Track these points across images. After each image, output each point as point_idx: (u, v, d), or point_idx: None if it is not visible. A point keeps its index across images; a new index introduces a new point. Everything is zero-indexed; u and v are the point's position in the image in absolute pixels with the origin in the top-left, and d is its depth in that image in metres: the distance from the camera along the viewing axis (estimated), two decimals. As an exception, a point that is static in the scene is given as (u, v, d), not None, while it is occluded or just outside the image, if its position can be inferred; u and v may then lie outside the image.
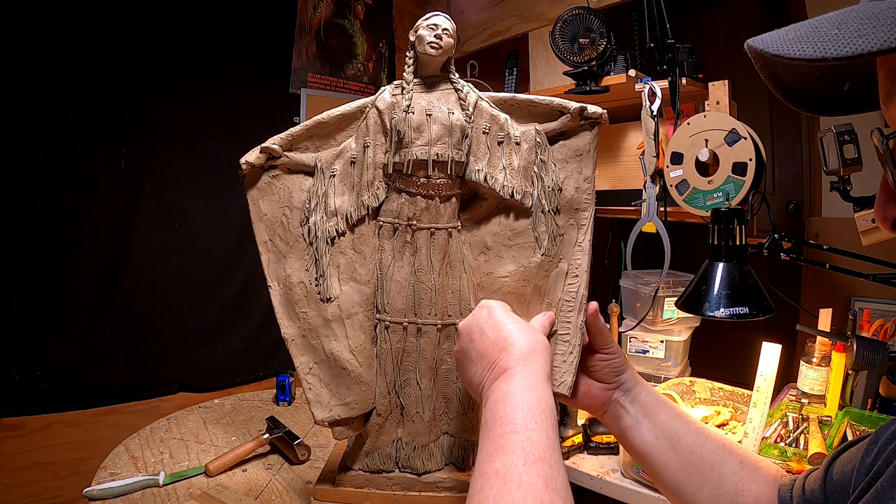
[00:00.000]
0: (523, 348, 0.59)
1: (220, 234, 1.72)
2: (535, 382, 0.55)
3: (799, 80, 0.40)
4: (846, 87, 0.40)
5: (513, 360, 0.58)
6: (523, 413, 0.50)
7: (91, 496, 1.00)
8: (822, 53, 0.29)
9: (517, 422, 0.49)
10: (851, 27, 0.29)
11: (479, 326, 0.64)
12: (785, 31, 0.33)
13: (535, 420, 0.49)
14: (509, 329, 0.62)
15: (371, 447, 0.91)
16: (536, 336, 0.62)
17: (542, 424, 0.49)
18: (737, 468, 0.61)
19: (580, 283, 0.79)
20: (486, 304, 0.67)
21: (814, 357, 1.23)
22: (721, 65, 1.81)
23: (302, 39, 1.86)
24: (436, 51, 0.81)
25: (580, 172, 0.80)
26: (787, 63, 0.37)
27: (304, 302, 0.85)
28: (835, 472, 0.52)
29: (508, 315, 0.65)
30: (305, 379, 0.86)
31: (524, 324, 0.65)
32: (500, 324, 0.63)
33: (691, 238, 1.58)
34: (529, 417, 0.50)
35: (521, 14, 1.78)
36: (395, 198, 0.83)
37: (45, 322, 1.45)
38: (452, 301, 0.85)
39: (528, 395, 0.53)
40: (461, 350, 0.65)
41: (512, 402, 0.52)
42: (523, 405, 0.51)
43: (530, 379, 0.55)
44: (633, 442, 0.67)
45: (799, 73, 0.40)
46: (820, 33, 0.30)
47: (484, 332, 0.63)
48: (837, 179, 1.04)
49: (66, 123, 1.45)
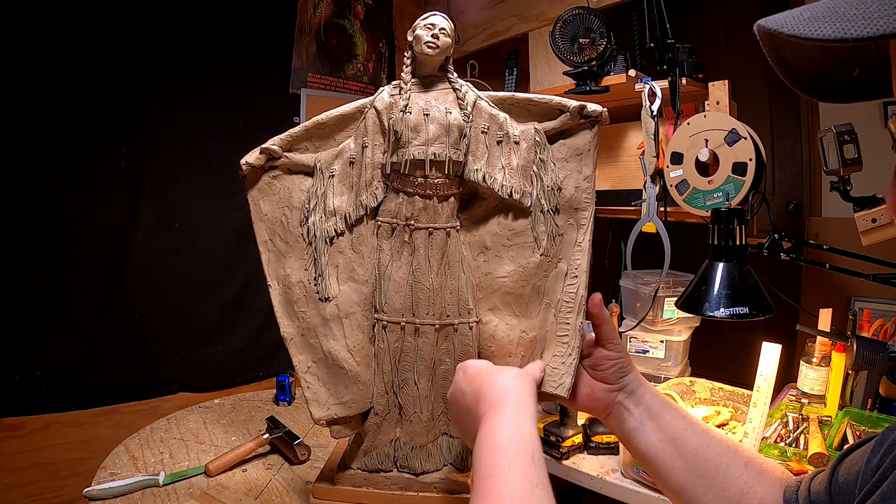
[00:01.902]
0: (495, 388, 0.62)
1: (220, 234, 1.72)
2: (507, 417, 0.57)
3: (807, 66, 0.39)
4: (856, 73, 0.39)
5: (487, 404, 0.60)
6: (496, 455, 0.52)
7: (91, 496, 1.00)
8: (841, 34, 0.28)
9: (492, 465, 0.51)
10: (871, 7, 0.28)
11: (459, 390, 0.67)
12: (799, 11, 0.31)
13: (508, 459, 0.51)
14: (482, 377, 0.65)
15: (369, 446, 0.91)
16: (508, 371, 0.66)
17: (516, 462, 0.50)
18: (742, 470, 0.60)
19: (579, 284, 0.79)
20: (462, 365, 0.70)
21: (814, 357, 1.23)
22: (721, 65, 1.81)
23: (302, 39, 1.86)
24: (433, 50, 0.80)
25: (580, 172, 0.80)
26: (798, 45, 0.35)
27: (303, 301, 0.85)
28: (840, 473, 0.51)
29: (481, 364, 0.70)
30: (304, 378, 0.86)
31: (497, 367, 0.68)
32: (473, 378, 0.66)
33: (691, 238, 1.58)
34: (502, 458, 0.51)
35: (521, 14, 1.78)
36: (393, 198, 0.83)
37: (45, 322, 1.45)
38: (451, 301, 0.85)
39: (501, 434, 0.54)
40: (455, 417, 0.69)
41: (487, 445, 0.54)
42: (497, 446, 0.53)
43: (504, 415, 0.57)
44: (637, 444, 0.67)
45: (808, 57, 0.38)
46: (838, 13, 0.29)
47: (464, 393, 0.66)
48: (837, 179, 1.04)
49: (66, 123, 1.45)
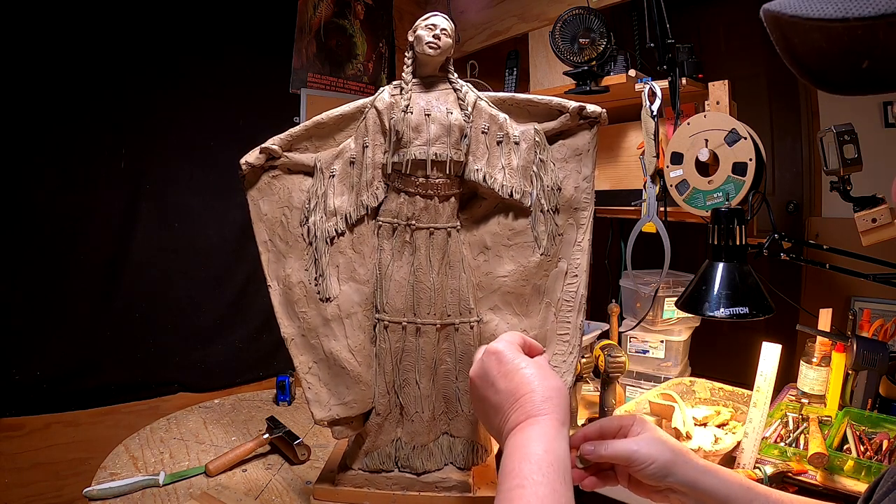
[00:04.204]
0: (535, 398, 0.57)
1: (220, 234, 1.72)
2: (545, 432, 0.54)
3: (816, 55, 0.38)
4: (865, 64, 0.38)
5: (524, 413, 0.56)
6: (530, 466, 0.50)
7: (91, 496, 1.00)
8: (842, 13, 0.28)
9: (524, 475, 0.49)
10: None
11: (490, 377, 0.61)
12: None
13: (543, 473, 0.49)
14: (521, 378, 0.59)
15: (370, 447, 0.91)
16: (548, 381, 0.59)
17: (549, 477, 0.49)
18: None
19: (579, 283, 0.79)
20: (494, 350, 0.62)
21: (814, 357, 1.23)
22: (721, 65, 1.81)
23: (302, 39, 1.86)
24: (434, 51, 0.81)
25: (579, 172, 0.80)
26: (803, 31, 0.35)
27: (303, 301, 0.85)
28: None
29: (518, 358, 0.61)
30: (305, 378, 0.86)
31: (536, 367, 0.61)
32: (510, 372, 0.60)
33: (691, 238, 1.58)
34: (536, 470, 0.50)
35: (521, 14, 1.78)
36: (394, 198, 0.83)
37: (45, 322, 1.45)
38: (451, 301, 0.85)
39: (536, 446, 0.52)
40: (476, 400, 0.63)
41: (520, 455, 0.52)
42: (532, 458, 0.51)
43: (540, 430, 0.54)
44: None
45: (816, 46, 0.38)
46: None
47: (496, 384, 0.60)
48: (837, 179, 1.04)
49: (66, 123, 1.45)
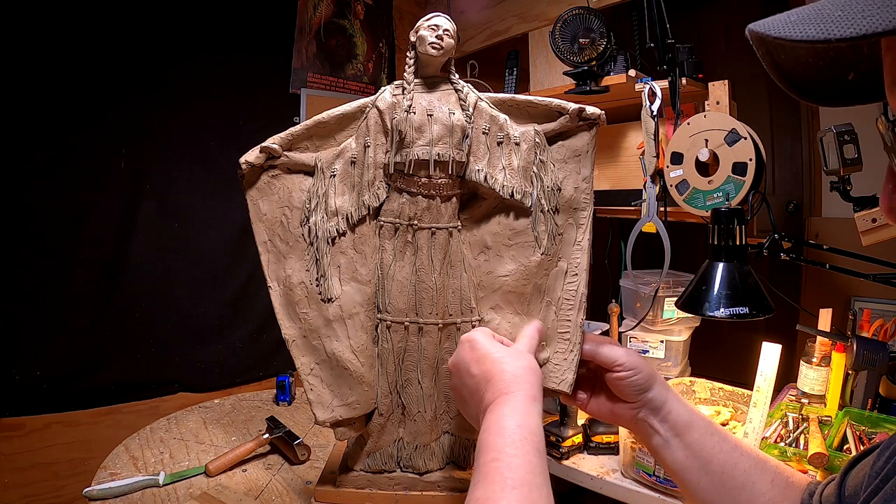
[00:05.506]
0: (506, 377, 0.60)
1: (220, 234, 1.72)
2: (517, 408, 0.57)
3: (802, 69, 0.39)
4: (850, 76, 0.39)
5: (497, 391, 0.59)
6: (503, 440, 0.52)
7: (91, 496, 1.00)
8: (825, 35, 0.29)
9: (498, 449, 0.51)
10: (855, 8, 0.28)
11: (464, 363, 0.65)
12: (787, 15, 0.32)
13: (516, 446, 0.51)
14: (492, 361, 0.63)
15: (373, 447, 0.91)
16: (519, 361, 0.63)
17: (523, 449, 0.51)
18: (768, 487, 0.61)
19: (579, 282, 0.80)
20: (468, 338, 0.67)
21: (814, 357, 1.23)
22: (721, 65, 1.81)
23: (302, 39, 1.86)
24: (437, 51, 0.81)
25: (579, 172, 0.80)
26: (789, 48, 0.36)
27: (304, 302, 0.85)
28: (849, 480, 0.52)
29: (490, 344, 0.66)
30: (307, 380, 0.86)
31: (507, 351, 0.65)
32: (482, 357, 0.64)
33: (691, 238, 1.58)
34: (510, 444, 0.52)
35: (521, 14, 1.78)
36: (395, 198, 0.83)
37: (45, 322, 1.45)
38: (453, 300, 0.85)
39: (510, 421, 0.55)
40: (454, 389, 0.67)
41: (494, 430, 0.54)
42: (505, 432, 0.53)
43: (513, 406, 0.57)
44: (664, 460, 0.67)
45: (802, 61, 0.38)
46: (823, 14, 0.30)
47: (469, 370, 0.64)
48: (837, 179, 1.04)
49: (67, 123, 1.45)
